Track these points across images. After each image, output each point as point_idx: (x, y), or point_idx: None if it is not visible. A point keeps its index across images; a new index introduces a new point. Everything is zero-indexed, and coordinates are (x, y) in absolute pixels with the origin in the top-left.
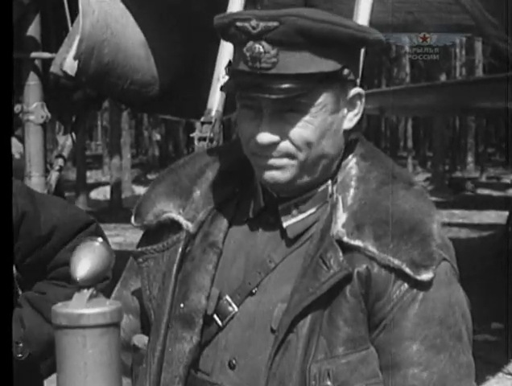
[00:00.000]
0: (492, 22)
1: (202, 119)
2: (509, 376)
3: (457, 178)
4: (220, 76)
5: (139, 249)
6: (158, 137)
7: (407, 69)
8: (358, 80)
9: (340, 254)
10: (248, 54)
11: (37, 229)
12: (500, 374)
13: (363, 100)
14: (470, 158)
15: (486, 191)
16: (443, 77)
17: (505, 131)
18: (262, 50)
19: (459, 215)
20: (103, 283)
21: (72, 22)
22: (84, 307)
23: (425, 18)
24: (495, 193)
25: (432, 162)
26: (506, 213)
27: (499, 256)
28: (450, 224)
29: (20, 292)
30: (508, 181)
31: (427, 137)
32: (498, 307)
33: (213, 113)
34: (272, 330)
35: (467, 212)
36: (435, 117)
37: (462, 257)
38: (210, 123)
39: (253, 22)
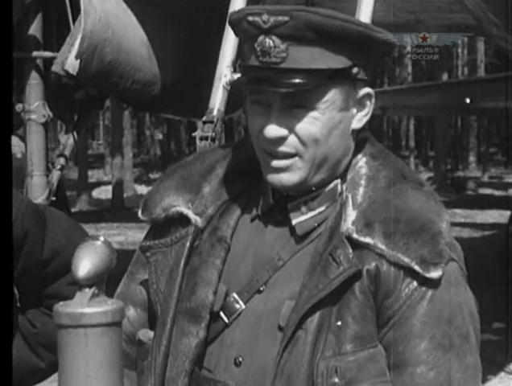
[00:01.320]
0: (494, 21)
1: (204, 118)
2: (511, 376)
3: (459, 178)
4: (222, 76)
5: (147, 243)
6: (160, 136)
7: (409, 69)
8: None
9: (350, 251)
10: (258, 48)
11: (39, 251)
12: (502, 373)
13: (373, 100)
14: (472, 158)
15: (488, 191)
16: (445, 77)
17: (506, 131)
18: (272, 44)
19: (461, 214)
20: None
21: (74, 21)
22: (85, 306)
23: (427, 17)
24: (497, 192)
25: (434, 162)
26: (508, 212)
27: (501, 256)
28: (452, 224)
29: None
30: (510, 180)
31: (429, 137)
32: (500, 307)
33: (215, 113)
34: (280, 328)
35: (469, 212)
36: (438, 117)
37: (464, 256)
38: (212, 122)
39: (265, 17)
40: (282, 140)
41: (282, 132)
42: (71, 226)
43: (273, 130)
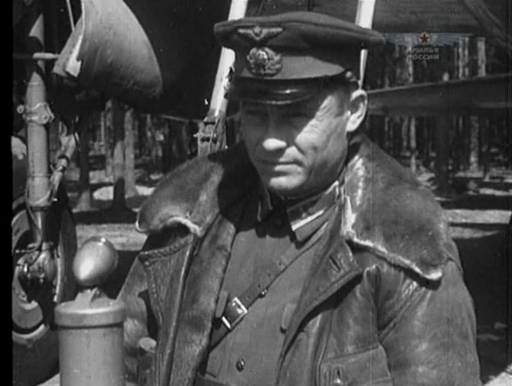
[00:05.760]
0: (495, 22)
1: (205, 119)
2: None
3: (460, 178)
4: (223, 77)
5: (146, 252)
6: (161, 137)
7: (410, 70)
8: (360, 83)
9: (351, 254)
10: (252, 61)
11: None
12: (503, 374)
13: (366, 102)
14: (473, 158)
15: (489, 191)
16: (446, 77)
17: (507, 131)
18: (265, 56)
19: (462, 214)
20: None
21: (75, 22)
22: (87, 307)
23: (428, 18)
24: (498, 193)
25: (436, 162)
26: (509, 213)
27: (502, 256)
28: (453, 224)
29: None
30: (511, 181)
31: (430, 137)
32: (502, 307)
33: (216, 114)
34: (282, 330)
35: (470, 212)
36: (439, 117)
37: (465, 257)
38: (213, 123)
39: (257, 29)
40: (281, 151)
41: (282, 144)
42: None
43: (272, 143)
